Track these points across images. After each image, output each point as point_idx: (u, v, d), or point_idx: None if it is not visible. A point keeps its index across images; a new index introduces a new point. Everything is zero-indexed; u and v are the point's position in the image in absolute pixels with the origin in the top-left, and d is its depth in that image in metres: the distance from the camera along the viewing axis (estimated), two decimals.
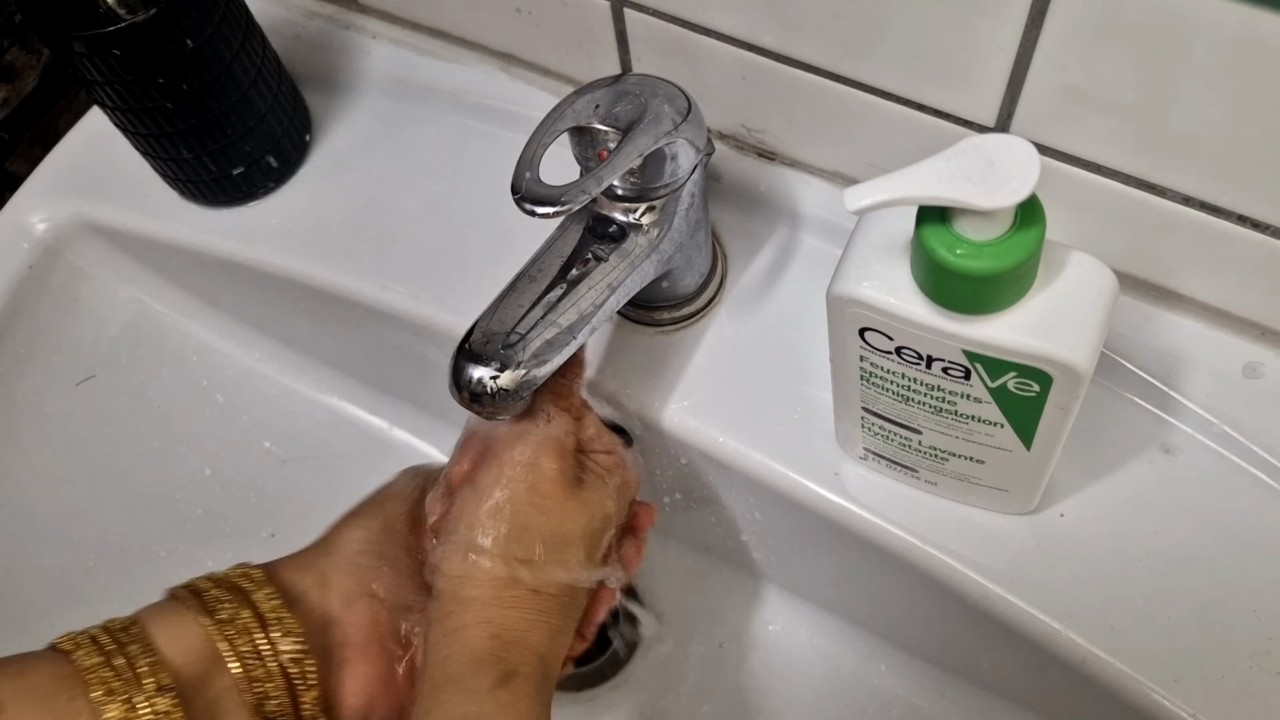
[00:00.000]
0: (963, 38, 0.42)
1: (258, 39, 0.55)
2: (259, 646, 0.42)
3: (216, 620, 0.41)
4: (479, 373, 0.42)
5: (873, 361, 0.41)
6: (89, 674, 0.39)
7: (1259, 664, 0.44)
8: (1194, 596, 0.45)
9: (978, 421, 0.41)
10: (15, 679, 0.39)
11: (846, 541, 0.50)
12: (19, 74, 0.78)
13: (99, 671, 0.39)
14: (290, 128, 0.58)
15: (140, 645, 0.40)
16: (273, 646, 0.42)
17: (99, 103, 0.53)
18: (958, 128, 0.46)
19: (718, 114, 0.54)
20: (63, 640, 0.41)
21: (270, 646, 0.42)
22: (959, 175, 0.33)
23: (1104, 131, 0.42)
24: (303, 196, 0.59)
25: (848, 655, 0.60)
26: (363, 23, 0.63)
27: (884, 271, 0.37)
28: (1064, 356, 0.36)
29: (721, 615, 0.62)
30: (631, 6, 0.50)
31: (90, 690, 0.39)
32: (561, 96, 0.44)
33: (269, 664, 0.42)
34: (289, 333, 0.65)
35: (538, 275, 0.45)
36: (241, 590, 0.43)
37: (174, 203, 0.60)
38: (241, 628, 0.42)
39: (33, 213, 0.61)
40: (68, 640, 0.41)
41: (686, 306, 0.53)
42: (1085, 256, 0.37)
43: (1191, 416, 0.48)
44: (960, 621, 0.49)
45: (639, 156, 0.42)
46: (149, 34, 0.49)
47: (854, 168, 0.53)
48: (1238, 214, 0.43)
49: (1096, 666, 0.45)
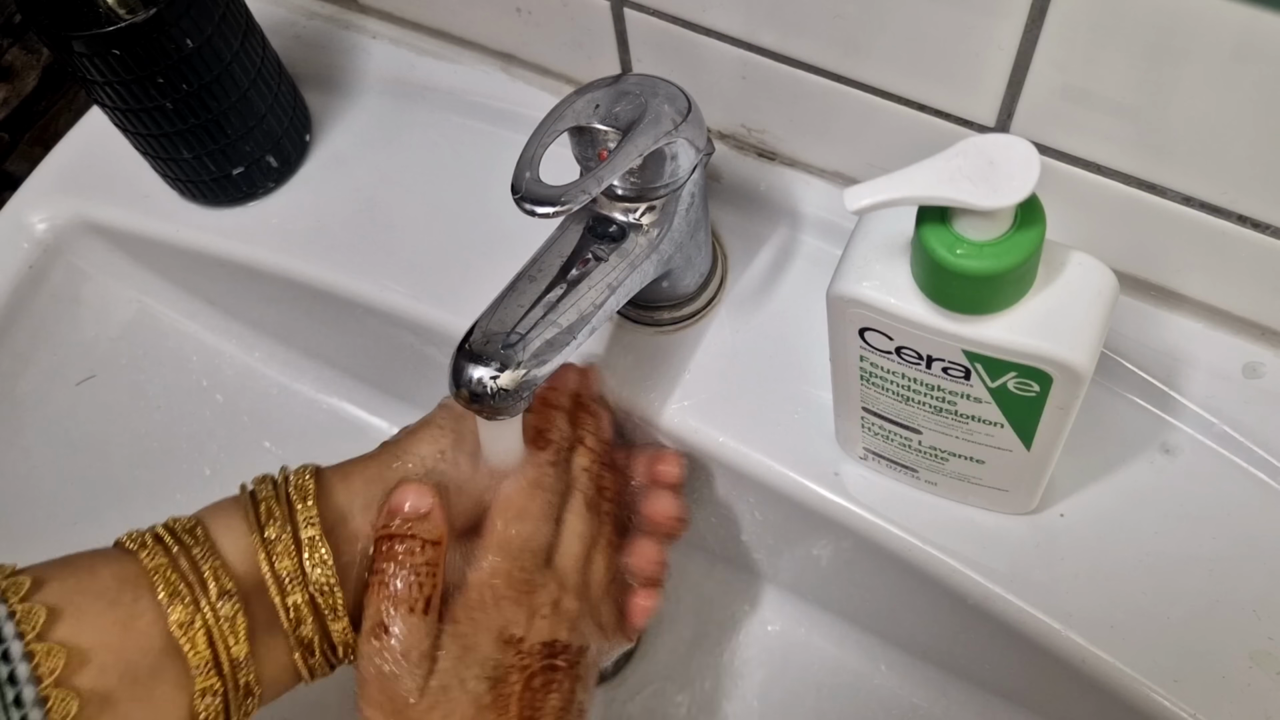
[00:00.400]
0: (963, 38, 0.42)
1: (258, 39, 0.55)
2: (292, 571, 0.41)
3: (264, 538, 0.41)
4: (479, 373, 0.42)
5: (873, 361, 0.41)
6: (154, 574, 0.40)
7: (1259, 664, 0.44)
8: (1194, 596, 0.45)
9: (978, 421, 0.41)
10: (82, 576, 0.39)
11: (846, 541, 0.50)
12: (19, 74, 0.78)
13: (164, 573, 0.40)
14: (290, 128, 0.58)
15: (204, 548, 0.40)
16: (304, 575, 0.42)
17: (99, 103, 0.53)
18: (958, 128, 0.46)
19: (718, 114, 0.54)
20: (129, 536, 0.41)
21: (301, 575, 0.42)
22: (959, 175, 0.33)
23: (1104, 131, 0.42)
24: (303, 196, 0.59)
25: (848, 655, 0.60)
26: (363, 23, 0.63)
27: (884, 271, 0.37)
28: (1064, 356, 0.36)
29: (721, 615, 0.62)
30: (631, 6, 0.50)
31: (156, 591, 0.39)
32: (561, 96, 0.44)
33: (299, 592, 0.41)
34: (289, 333, 0.65)
35: (538, 275, 0.45)
36: (290, 505, 0.42)
37: (174, 203, 0.60)
38: (285, 549, 0.41)
39: (33, 213, 0.61)
40: (133, 536, 0.41)
41: (686, 306, 0.53)
42: (1085, 256, 0.37)
43: (1191, 416, 0.48)
44: (960, 621, 0.49)
45: (639, 156, 0.42)
46: (149, 34, 0.49)
47: (854, 168, 0.53)
48: (1238, 214, 0.43)
49: (1096, 666, 0.45)
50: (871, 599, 0.56)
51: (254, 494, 0.43)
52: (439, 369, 0.44)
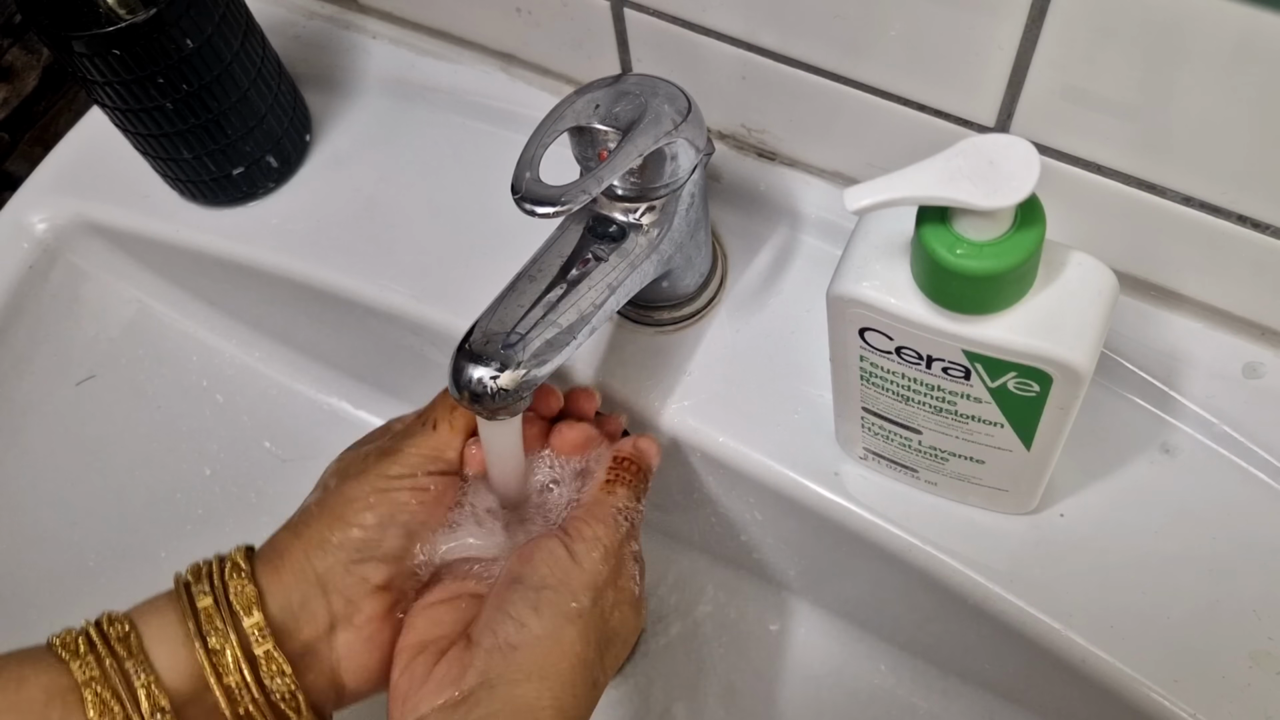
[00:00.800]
0: (963, 38, 0.42)
1: (258, 39, 0.55)
2: (248, 683, 0.41)
3: (208, 649, 0.41)
4: (479, 373, 0.42)
5: (873, 361, 0.41)
6: (85, 688, 0.39)
7: (1259, 664, 0.44)
8: (1194, 596, 0.45)
9: (978, 421, 0.41)
10: (9, 690, 0.39)
11: (846, 541, 0.50)
12: (19, 74, 0.78)
13: (95, 687, 0.39)
14: (290, 128, 0.58)
15: (137, 660, 0.40)
16: (262, 687, 0.41)
17: (99, 103, 0.53)
18: (958, 128, 0.46)
19: (718, 114, 0.54)
20: (61, 640, 0.40)
21: (259, 687, 0.41)
22: (959, 175, 0.33)
23: (1104, 131, 0.42)
24: (303, 196, 0.59)
25: (848, 655, 0.60)
26: (363, 23, 0.63)
27: (884, 271, 0.37)
28: (1064, 356, 0.36)
29: (721, 615, 0.62)
30: (631, 6, 0.50)
31: (86, 707, 0.39)
32: (561, 96, 0.44)
33: (258, 699, 0.41)
34: (289, 333, 0.65)
35: (538, 275, 0.45)
36: (234, 614, 0.42)
37: (174, 203, 0.60)
38: (232, 661, 0.41)
39: (33, 213, 0.61)
40: (65, 642, 0.40)
41: (686, 306, 0.53)
42: (1085, 256, 0.37)
43: (1191, 416, 0.48)
44: (960, 621, 0.49)
45: (639, 156, 0.42)
46: (149, 34, 0.49)
47: (854, 168, 0.53)
48: (1238, 214, 0.43)
49: (1096, 666, 0.45)
50: (871, 599, 0.56)
51: (191, 597, 0.42)
52: (439, 369, 0.44)
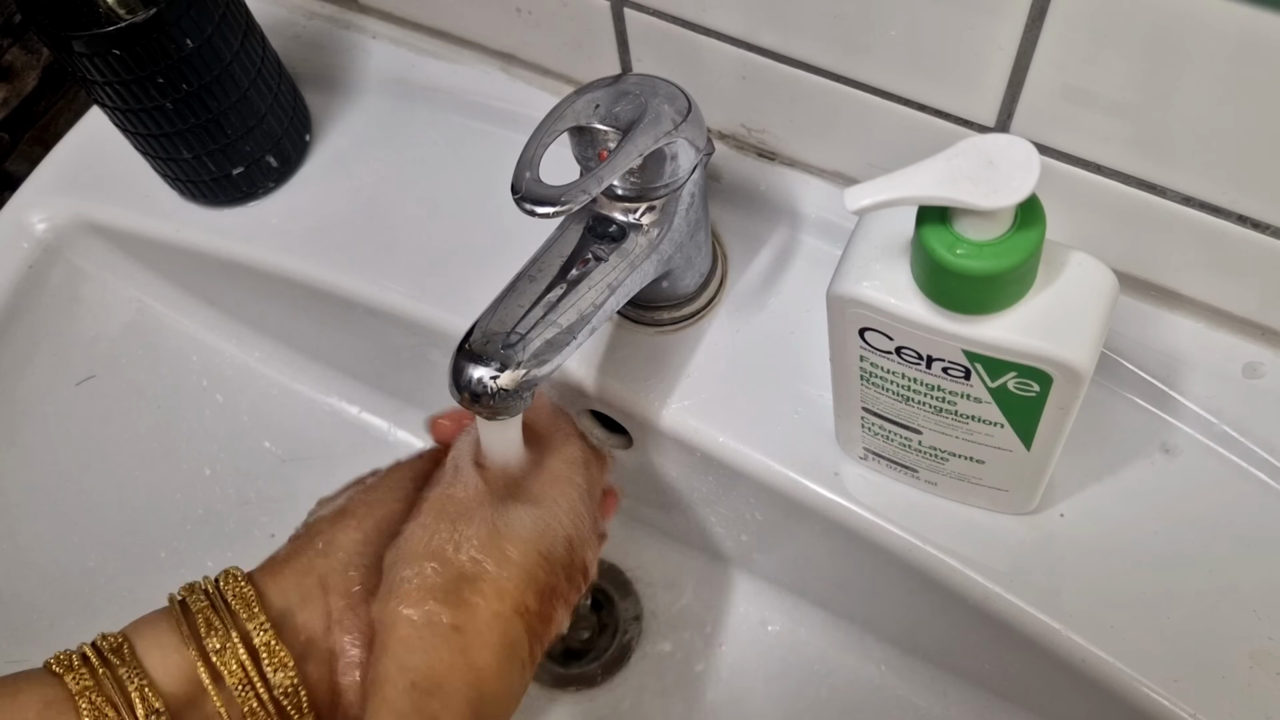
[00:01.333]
0: (963, 38, 0.42)
1: (258, 39, 0.55)
2: (251, 678, 0.41)
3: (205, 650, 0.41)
4: (479, 373, 0.42)
5: (873, 361, 0.41)
6: (80, 698, 0.39)
7: (1259, 664, 0.44)
8: (1194, 596, 0.45)
9: (978, 421, 0.41)
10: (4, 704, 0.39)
11: (846, 541, 0.50)
12: (19, 74, 0.78)
13: (89, 695, 0.39)
14: (290, 128, 0.58)
15: (130, 668, 0.40)
16: (265, 681, 0.41)
17: (99, 103, 0.53)
18: (958, 128, 0.46)
19: (718, 114, 0.54)
20: (56, 659, 0.41)
21: (262, 680, 0.41)
22: (959, 175, 0.33)
23: (1104, 131, 0.42)
24: (303, 196, 0.59)
25: (848, 655, 0.60)
26: (363, 23, 0.63)
27: (884, 271, 0.37)
28: (1064, 356, 0.36)
29: (721, 615, 0.62)
30: (631, 6, 0.50)
31: (81, 715, 0.39)
32: (561, 96, 0.44)
33: (261, 695, 0.41)
34: (289, 333, 0.65)
35: (538, 275, 0.45)
36: (233, 613, 0.42)
37: (174, 203, 0.60)
38: (232, 658, 0.41)
39: (33, 213, 0.61)
40: (60, 659, 0.41)
41: (686, 306, 0.53)
42: (1085, 256, 0.37)
43: (1191, 416, 0.48)
44: (960, 621, 0.49)
45: (639, 156, 0.42)
46: (149, 34, 0.49)
47: (854, 168, 0.53)
48: (1238, 214, 0.43)
49: (1096, 666, 0.45)
50: (871, 599, 0.56)
51: (184, 605, 0.43)
52: (439, 369, 0.44)
